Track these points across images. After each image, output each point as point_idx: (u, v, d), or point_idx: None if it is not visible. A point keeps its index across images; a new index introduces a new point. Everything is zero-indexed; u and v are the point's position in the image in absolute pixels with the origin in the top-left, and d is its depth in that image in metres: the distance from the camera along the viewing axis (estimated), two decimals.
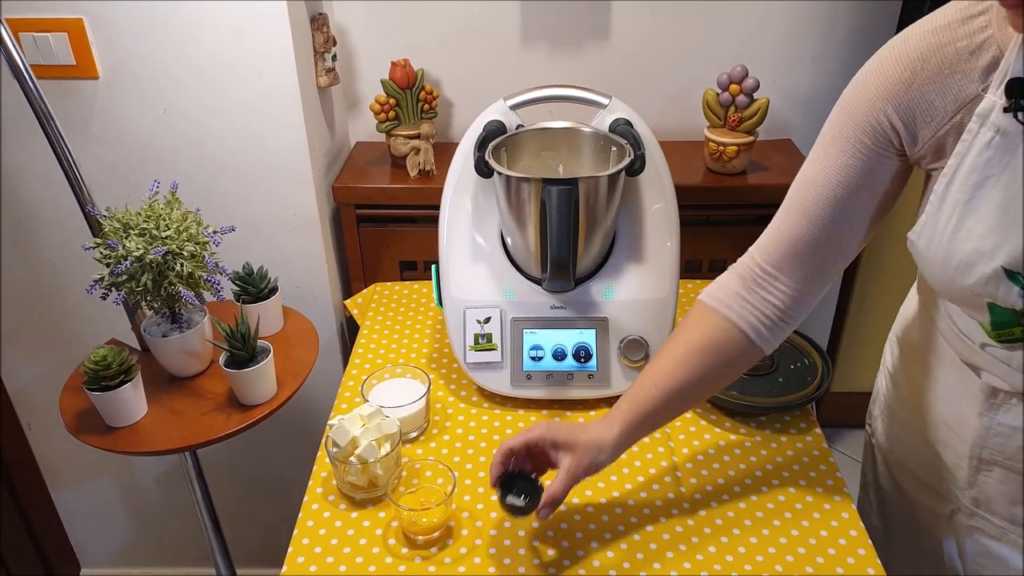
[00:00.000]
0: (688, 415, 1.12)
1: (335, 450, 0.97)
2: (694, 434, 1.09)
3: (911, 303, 0.98)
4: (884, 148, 0.76)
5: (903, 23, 1.59)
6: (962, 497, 0.89)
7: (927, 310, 0.90)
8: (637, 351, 1.11)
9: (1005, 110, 0.66)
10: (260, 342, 1.17)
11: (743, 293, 0.85)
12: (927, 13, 0.75)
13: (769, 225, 0.85)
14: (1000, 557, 0.88)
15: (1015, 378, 0.77)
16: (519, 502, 0.87)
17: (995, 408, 0.81)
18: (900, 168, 0.78)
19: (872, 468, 1.08)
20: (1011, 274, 0.69)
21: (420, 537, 0.92)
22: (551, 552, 0.91)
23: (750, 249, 0.87)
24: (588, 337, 1.12)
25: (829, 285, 0.86)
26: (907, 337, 0.97)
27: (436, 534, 0.93)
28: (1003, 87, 0.66)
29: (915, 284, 0.98)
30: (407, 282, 1.49)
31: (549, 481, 0.86)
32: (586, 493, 0.99)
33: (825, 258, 0.82)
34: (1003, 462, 0.83)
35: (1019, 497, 0.83)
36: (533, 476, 0.89)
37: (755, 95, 1.45)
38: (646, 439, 1.07)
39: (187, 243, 1.10)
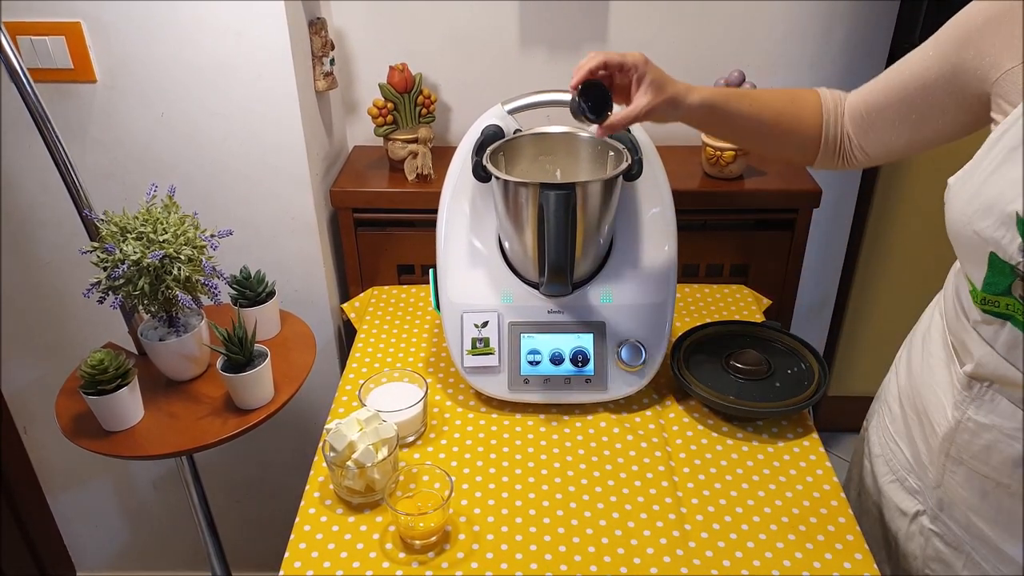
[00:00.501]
0: (685, 419, 1.12)
1: (332, 454, 0.97)
2: (691, 438, 1.09)
3: (934, 300, 0.99)
4: (964, 66, 0.79)
5: (900, 28, 1.60)
6: (930, 498, 0.91)
7: (945, 293, 0.91)
8: (634, 355, 1.11)
9: None
10: (257, 346, 1.17)
11: (838, 115, 0.95)
12: (925, 18, 0.77)
13: (867, 84, 0.93)
14: (951, 565, 0.89)
15: (995, 361, 0.77)
16: (587, 108, 0.93)
17: (969, 401, 0.81)
18: (970, 87, 0.79)
19: (859, 462, 1.10)
20: (1022, 223, 0.68)
21: (417, 542, 0.92)
22: (548, 557, 0.91)
23: (856, 91, 0.95)
24: (585, 341, 1.13)
25: (879, 162, 0.96)
26: (919, 329, 0.99)
27: (433, 539, 0.92)
28: None
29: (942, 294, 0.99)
30: (405, 286, 1.49)
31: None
32: (583, 498, 0.99)
33: (897, 123, 0.88)
34: (968, 461, 0.83)
35: (977, 505, 0.84)
36: (609, 95, 0.94)
37: None
38: (643, 444, 1.07)
39: (184, 247, 1.10)
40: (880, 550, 1.01)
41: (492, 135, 1.13)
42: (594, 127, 0.95)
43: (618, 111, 0.93)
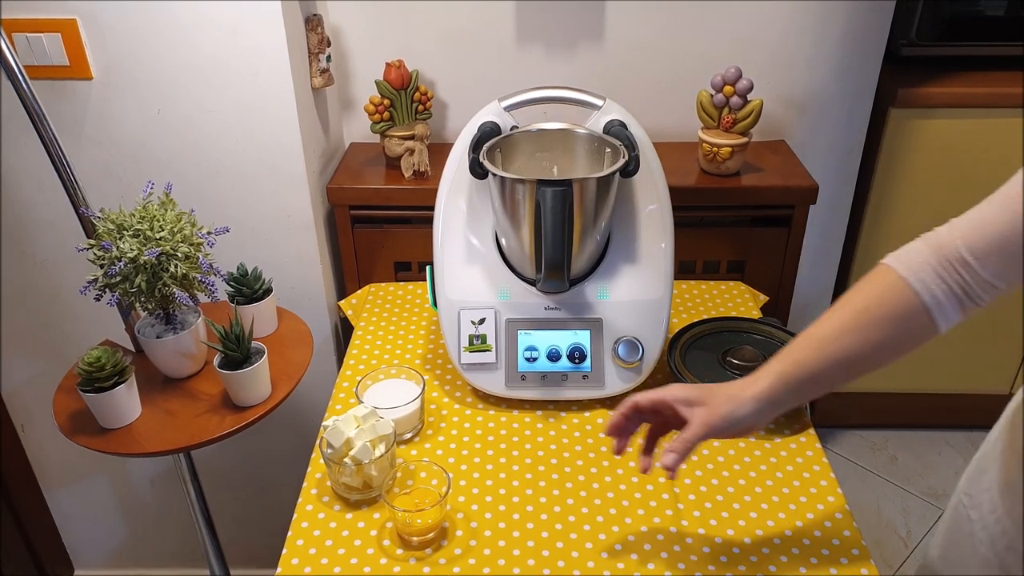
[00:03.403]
0: None
1: (329, 451, 0.97)
2: None
3: None
4: None
5: (896, 25, 1.60)
6: None
7: None
8: (631, 352, 1.11)
9: None
10: (254, 343, 1.17)
11: (937, 267, 0.75)
12: (920, 15, 0.68)
13: (981, 205, 0.76)
14: None
15: None
16: None
17: None
18: None
19: (955, 545, 0.92)
20: None
21: (415, 538, 0.92)
22: (545, 553, 0.92)
23: (953, 221, 0.77)
24: (582, 338, 1.13)
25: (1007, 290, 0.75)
26: None
27: (431, 535, 0.93)
28: None
29: None
30: (401, 283, 1.49)
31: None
32: (580, 494, 1.00)
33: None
34: None
35: None
36: None
37: (749, 96, 1.45)
38: (641, 439, 1.07)
39: (181, 244, 1.10)
40: None
41: (489, 132, 1.13)
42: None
43: (680, 433, 0.82)
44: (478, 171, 1.10)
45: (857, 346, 0.78)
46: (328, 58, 1.44)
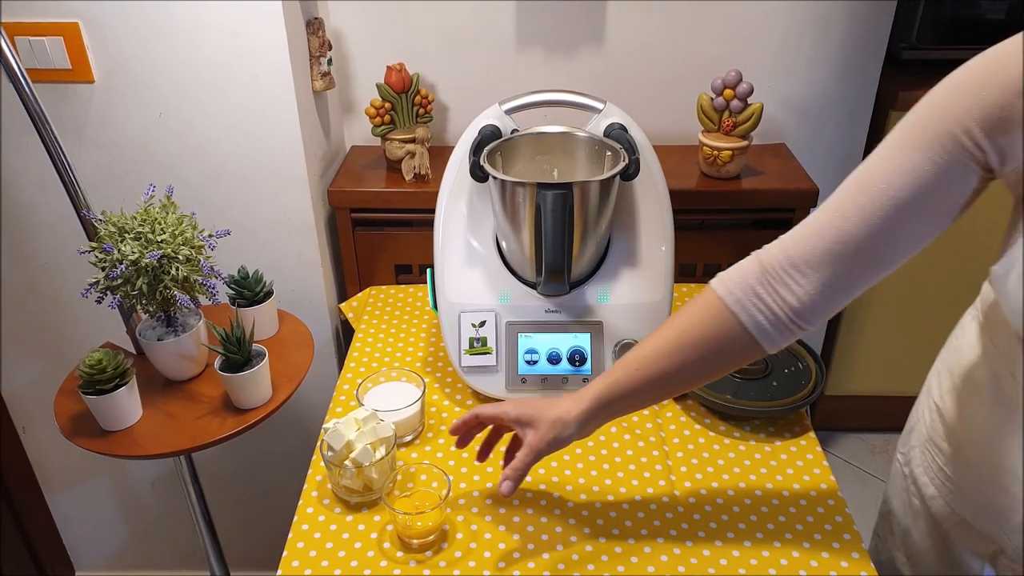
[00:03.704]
0: (683, 419, 1.13)
1: (330, 454, 0.97)
2: (688, 437, 1.09)
3: (967, 336, 0.90)
4: (966, 159, 0.67)
5: (897, 28, 1.60)
6: (1008, 539, 0.83)
7: (999, 354, 0.82)
8: None
9: None
10: (255, 346, 1.17)
11: (757, 288, 0.77)
12: (921, 18, 0.69)
13: (809, 217, 0.77)
14: None
15: None
16: None
17: None
18: (977, 182, 0.69)
19: (901, 498, 1.00)
20: None
21: (415, 541, 0.93)
22: (545, 556, 0.92)
23: (782, 237, 0.78)
24: (583, 341, 1.13)
25: (854, 296, 0.76)
26: (962, 372, 0.89)
27: (431, 538, 0.93)
28: None
29: (973, 317, 0.90)
30: (402, 286, 1.49)
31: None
32: (580, 497, 1.00)
33: (866, 263, 0.74)
34: None
35: None
36: None
37: (749, 100, 1.45)
38: (640, 443, 1.08)
39: (182, 247, 1.10)
40: None
41: (489, 135, 1.13)
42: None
43: (512, 460, 0.87)
44: (479, 174, 1.10)
45: (672, 368, 0.81)
46: (329, 61, 1.45)
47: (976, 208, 0.73)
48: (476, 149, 1.11)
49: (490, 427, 0.95)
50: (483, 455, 0.97)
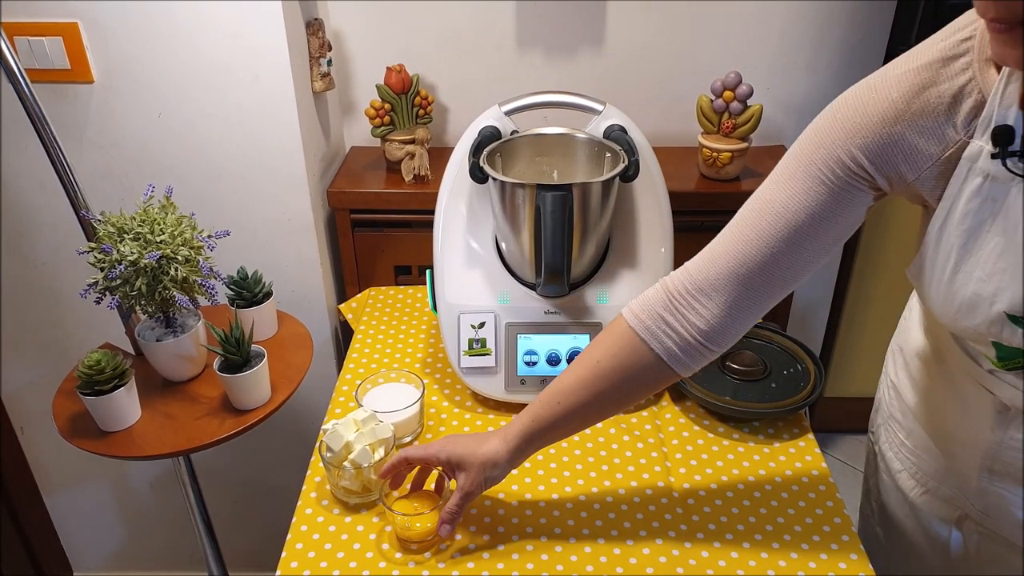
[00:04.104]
0: (682, 420, 1.13)
1: (329, 455, 0.97)
2: (687, 439, 1.09)
3: (913, 315, 0.97)
4: (856, 182, 0.72)
5: (896, 30, 1.60)
6: (973, 503, 0.87)
7: (933, 331, 0.89)
8: None
9: (993, 156, 0.64)
10: (254, 347, 1.17)
11: (664, 314, 0.80)
12: (920, 20, 0.73)
13: (710, 244, 0.81)
14: (1011, 564, 0.86)
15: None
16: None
17: (1007, 423, 0.79)
18: (871, 200, 0.75)
19: (875, 475, 1.06)
20: (1014, 319, 0.68)
21: (414, 543, 0.92)
22: (544, 557, 0.92)
23: (685, 264, 0.82)
24: (582, 342, 1.13)
25: (756, 318, 0.80)
26: (911, 348, 0.95)
27: (430, 539, 0.93)
28: (989, 133, 0.64)
29: (917, 300, 0.96)
30: (401, 287, 1.49)
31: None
32: (580, 498, 1.00)
33: (767, 285, 0.77)
34: (1014, 473, 0.80)
35: None
36: None
37: (749, 102, 1.45)
38: (639, 444, 1.08)
39: (181, 247, 1.10)
40: (918, 562, 0.98)
41: (489, 136, 1.13)
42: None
43: (446, 505, 0.90)
44: (478, 175, 1.10)
45: (590, 398, 0.84)
46: (329, 62, 1.45)
47: None
48: (476, 150, 1.11)
49: (418, 467, 0.96)
50: (395, 485, 0.96)
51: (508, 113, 1.16)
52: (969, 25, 0.67)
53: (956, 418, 0.86)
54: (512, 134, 1.16)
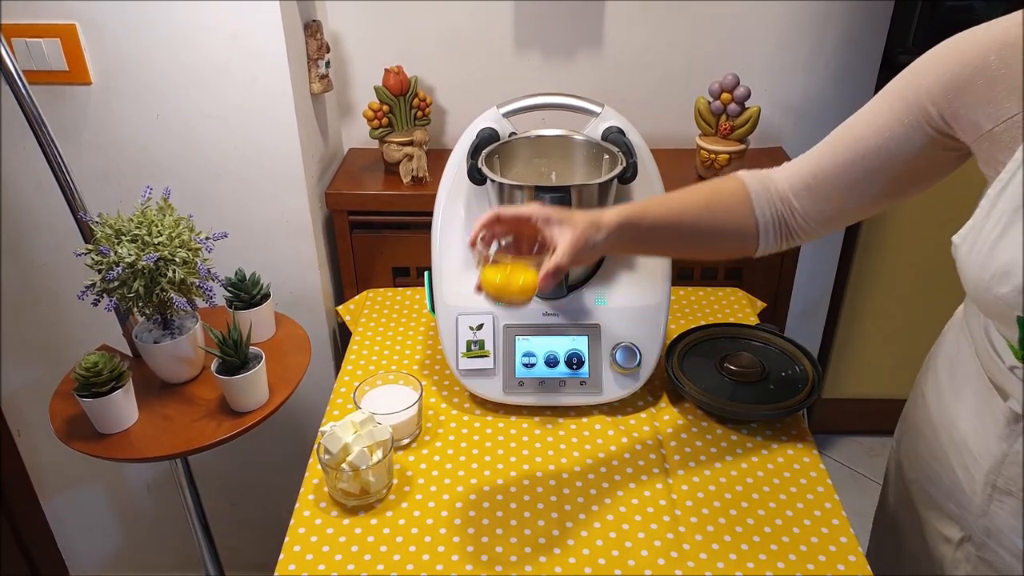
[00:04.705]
0: (680, 422, 1.13)
1: (327, 457, 0.97)
2: (685, 440, 1.09)
3: (954, 321, 0.96)
4: (932, 130, 0.75)
5: (893, 33, 1.61)
6: (974, 525, 0.86)
7: (968, 324, 0.88)
8: (629, 358, 1.11)
9: None
10: (252, 348, 1.16)
11: (767, 193, 0.87)
12: (917, 22, 0.75)
13: (814, 147, 0.86)
14: None
15: None
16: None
17: (1016, 435, 0.78)
18: (946, 150, 0.76)
19: (894, 485, 1.05)
20: None
21: (510, 300, 0.83)
22: (543, 559, 0.92)
23: (787, 164, 0.88)
24: (580, 344, 1.13)
25: (839, 224, 0.88)
26: (944, 353, 0.95)
27: (526, 297, 0.83)
28: None
29: (963, 303, 0.95)
30: (400, 288, 1.49)
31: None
32: (578, 500, 1.00)
33: (851, 191, 0.82)
34: (1016, 492, 0.80)
35: None
36: None
37: (746, 104, 1.46)
38: (638, 446, 1.08)
39: (179, 249, 1.10)
40: None
41: (487, 138, 1.13)
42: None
43: (552, 256, 0.83)
44: (476, 177, 1.10)
45: (692, 220, 0.89)
46: (327, 64, 1.45)
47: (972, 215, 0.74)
48: (474, 152, 1.11)
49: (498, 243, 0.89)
50: (486, 244, 0.88)
51: (506, 115, 1.16)
52: None
53: (969, 427, 0.85)
54: (510, 136, 1.16)
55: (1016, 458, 0.79)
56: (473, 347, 1.13)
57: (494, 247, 0.88)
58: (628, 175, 1.09)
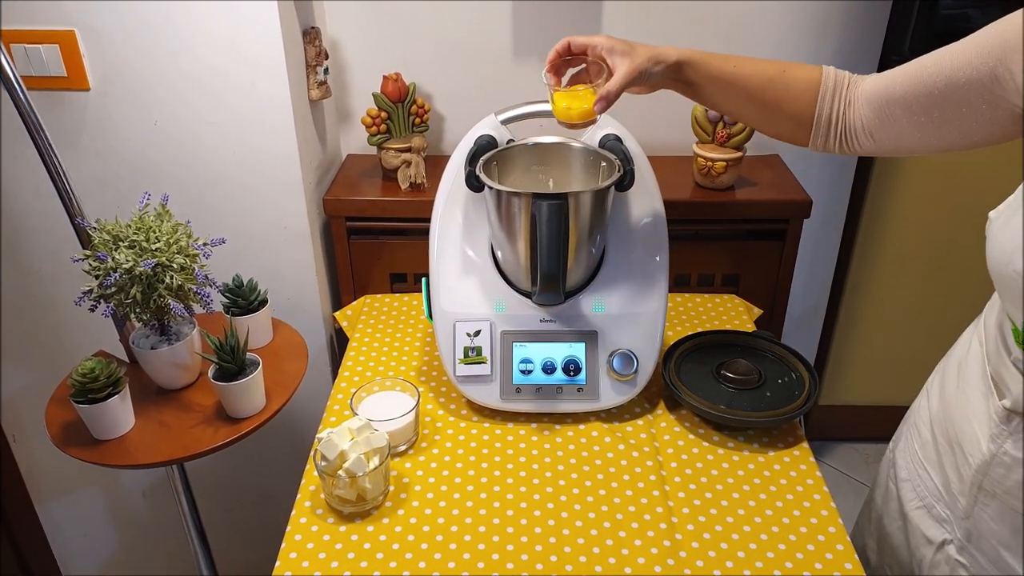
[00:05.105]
0: (676, 429, 1.13)
1: (323, 464, 0.97)
2: (682, 447, 1.09)
3: (973, 324, 0.96)
4: (1001, 90, 0.74)
5: (889, 40, 1.61)
6: (958, 528, 0.88)
7: (985, 322, 0.89)
8: (626, 365, 1.11)
9: None
10: (249, 355, 1.16)
11: (838, 93, 0.89)
12: (913, 30, 0.76)
13: (892, 70, 0.87)
14: None
15: None
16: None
17: (1007, 435, 0.80)
18: (1006, 113, 0.75)
19: (882, 485, 1.06)
20: None
21: (572, 123, 0.98)
22: (539, 567, 0.91)
23: (873, 75, 0.89)
24: (577, 350, 1.13)
25: (889, 154, 0.90)
26: (956, 354, 0.95)
27: (587, 120, 0.98)
28: None
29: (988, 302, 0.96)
30: (397, 294, 1.49)
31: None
32: (575, 508, 1.00)
33: (902, 123, 0.84)
34: (1001, 495, 0.81)
35: (1008, 540, 0.82)
36: None
37: None
38: (635, 453, 1.08)
39: (177, 255, 1.10)
40: None
41: (485, 145, 1.13)
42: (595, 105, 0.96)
43: (606, 83, 0.95)
44: (474, 184, 1.10)
45: (755, 87, 0.92)
46: (326, 70, 1.45)
47: (968, 222, 0.74)
48: (472, 159, 1.11)
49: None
50: (555, 71, 1.00)
51: (504, 122, 1.16)
52: None
53: (967, 427, 0.86)
54: (508, 143, 1.16)
55: (1004, 459, 0.80)
56: (470, 353, 1.13)
57: (569, 74, 1.00)
58: (625, 182, 1.09)
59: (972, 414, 0.85)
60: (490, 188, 1.07)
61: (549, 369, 1.13)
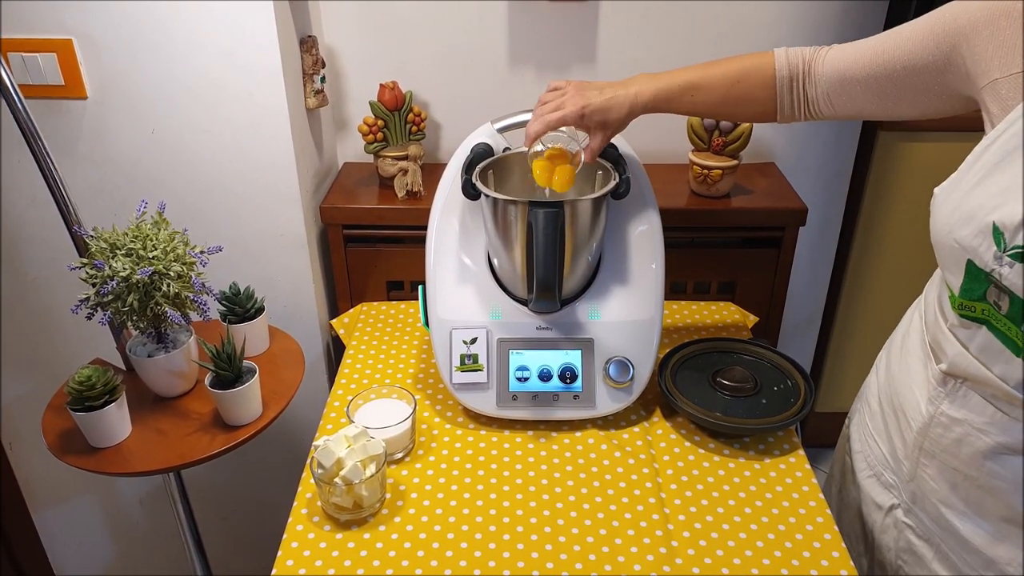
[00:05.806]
0: (673, 436, 1.13)
1: (320, 471, 0.97)
2: (678, 455, 1.10)
3: (919, 302, 1.02)
4: (955, 65, 0.80)
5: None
6: (904, 492, 0.94)
7: (925, 298, 0.95)
8: (622, 372, 1.11)
9: None
10: (246, 362, 1.17)
11: (794, 71, 0.98)
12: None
13: (850, 44, 0.94)
14: (921, 557, 0.92)
15: (967, 362, 0.80)
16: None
17: (943, 396, 0.85)
18: (957, 85, 0.81)
19: (840, 461, 1.13)
20: (997, 233, 0.72)
21: (551, 187, 1.04)
22: (536, 574, 0.91)
23: (833, 47, 0.96)
24: (574, 358, 1.13)
25: (845, 119, 1.04)
26: (899, 330, 1.02)
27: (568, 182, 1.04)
28: None
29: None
30: (394, 302, 1.49)
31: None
32: (571, 515, 1.00)
33: (859, 98, 0.92)
34: (939, 454, 0.87)
35: (947, 497, 0.87)
36: None
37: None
38: (631, 460, 1.08)
39: (174, 263, 1.10)
40: (858, 543, 1.05)
41: (482, 153, 1.14)
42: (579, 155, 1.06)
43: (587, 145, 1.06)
44: (471, 192, 1.11)
45: (718, 99, 1.02)
46: (322, 79, 1.46)
47: None
48: (468, 167, 1.12)
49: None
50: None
51: (501, 130, 1.16)
52: None
53: (909, 395, 0.92)
54: (505, 151, 1.17)
55: (942, 419, 0.85)
56: (467, 361, 1.13)
57: (539, 145, 1.07)
58: (621, 190, 1.10)
59: (913, 381, 0.91)
60: (486, 196, 1.07)
61: (545, 377, 1.13)
